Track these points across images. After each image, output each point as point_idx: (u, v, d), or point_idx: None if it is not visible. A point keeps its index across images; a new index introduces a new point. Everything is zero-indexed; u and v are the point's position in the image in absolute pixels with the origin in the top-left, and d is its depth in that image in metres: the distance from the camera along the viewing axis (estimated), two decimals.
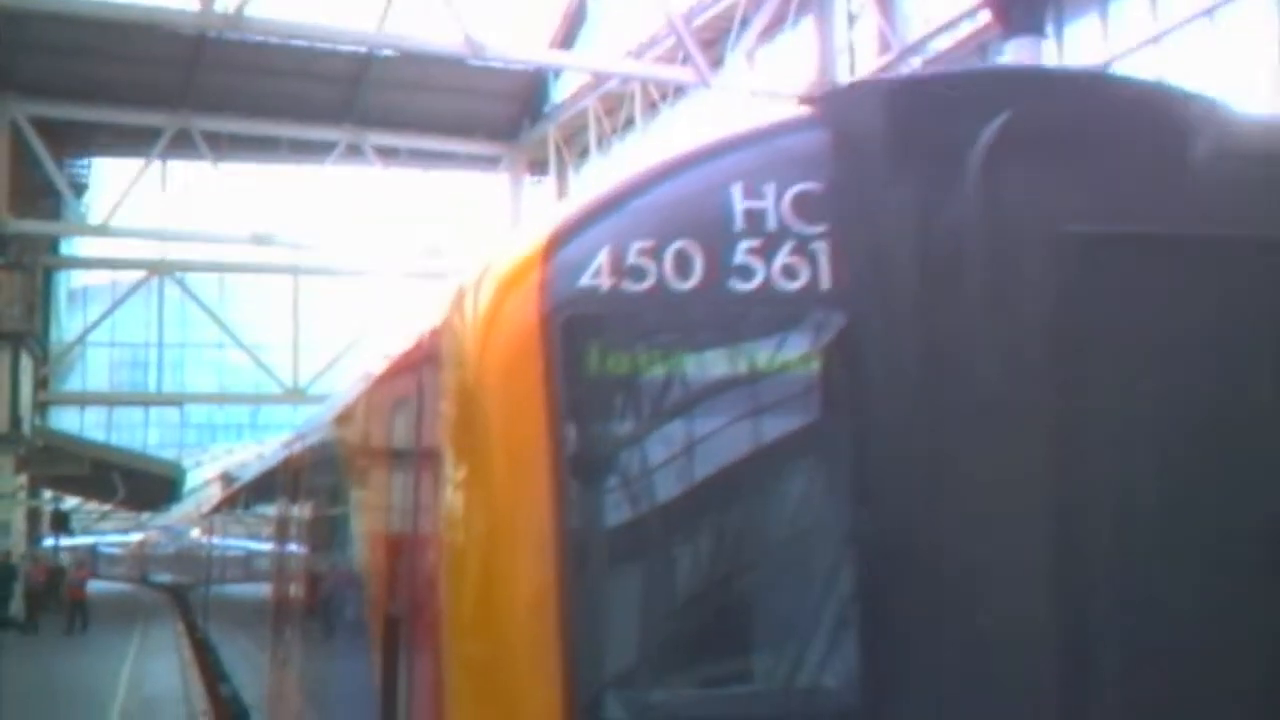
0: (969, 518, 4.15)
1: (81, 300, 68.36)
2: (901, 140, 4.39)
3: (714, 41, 38.23)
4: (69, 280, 66.42)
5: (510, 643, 4.30)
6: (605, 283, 4.37)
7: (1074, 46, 28.51)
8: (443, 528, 4.86)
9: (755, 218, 4.45)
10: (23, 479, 39.40)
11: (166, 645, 30.86)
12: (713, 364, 4.41)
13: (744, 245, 4.42)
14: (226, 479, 44.46)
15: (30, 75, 47.29)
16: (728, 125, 5.19)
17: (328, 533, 9.43)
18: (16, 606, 36.72)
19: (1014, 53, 27.15)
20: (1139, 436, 4.31)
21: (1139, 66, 26.56)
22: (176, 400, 64.38)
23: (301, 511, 11.63)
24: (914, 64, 33.35)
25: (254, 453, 74.68)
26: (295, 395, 56.61)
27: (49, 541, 51.92)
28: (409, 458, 5.77)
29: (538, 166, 54.93)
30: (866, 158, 4.43)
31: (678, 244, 4.40)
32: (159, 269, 55.22)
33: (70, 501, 61.92)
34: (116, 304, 57.24)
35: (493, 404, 4.47)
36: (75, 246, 61.16)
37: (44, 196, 51.66)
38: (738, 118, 31.22)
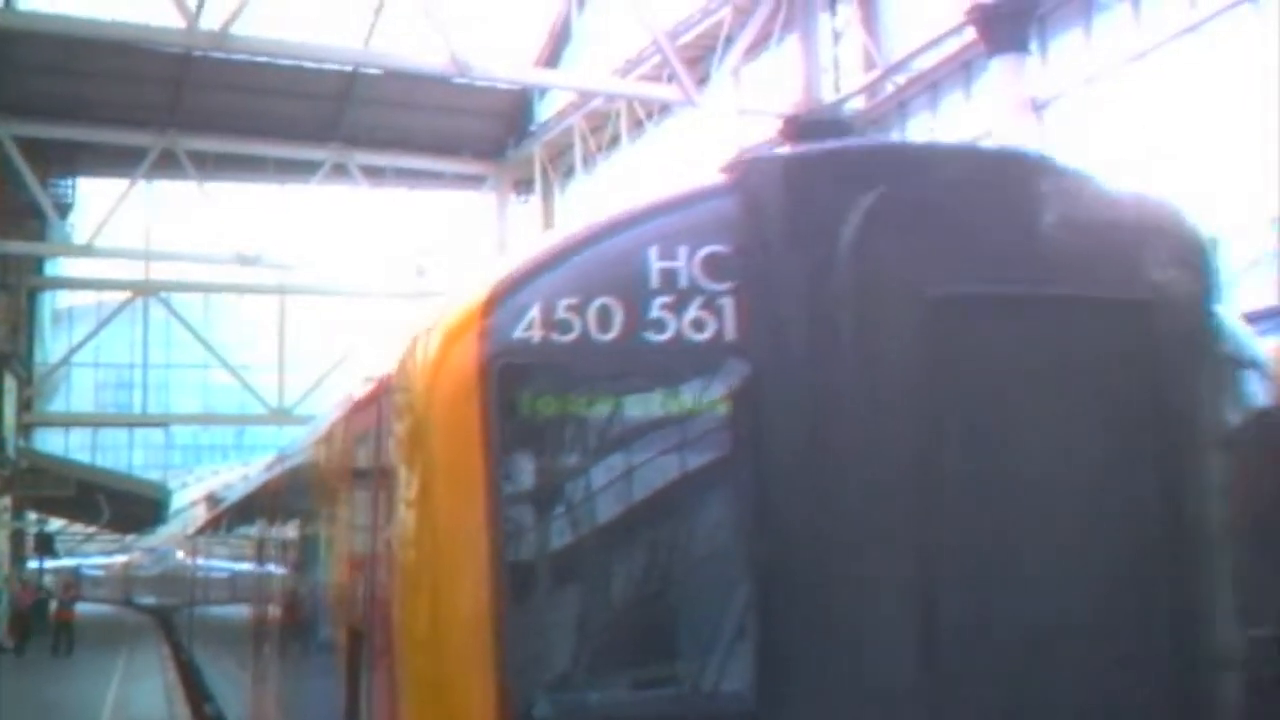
0: (848, 545, 4.73)
1: (66, 321, 68.14)
2: (795, 208, 5.02)
3: (699, 59, 38.28)
4: (54, 301, 66.25)
5: (453, 652, 4.89)
6: (536, 335, 5.01)
7: (1058, 63, 28.57)
8: (395, 549, 5.46)
9: (669, 277, 5.04)
10: (7, 501, 39.23)
11: (151, 667, 30.69)
12: (630, 406, 5.01)
13: (658, 301, 5.03)
14: (211, 500, 44.32)
15: (14, 94, 47.19)
16: (646, 192, 5.99)
17: (300, 554, 10.06)
18: (1, 630, 36.58)
19: (999, 69, 27.40)
20: (994, 472, 4.89)
21: (1124, 83, 26.65)
22: (162, 421, 64.10)
23: (277, 533, 12.22)
24: (898, 82, 33.43)
25: (239, 474, 74.57)
26: (281, 416, 56.43)
27: (33, 564, 51.66)
28: (368, 486, 6.38)
29: (523, 185, 54.95)
30: (766, 223, 5.04)
31: (600, 300, 5.01)
32: (144, 290, 55.08)
33: (55, 523, 61.67)
34: (101, 325, 57.06)
35: (438, 439, 5.13)
36: (60, 267, 61.01)
37: (28, 217, 51.48)
38: (711, 145, 31.29)
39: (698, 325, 5.03)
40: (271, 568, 12.77)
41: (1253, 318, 9.69)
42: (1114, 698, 4.82)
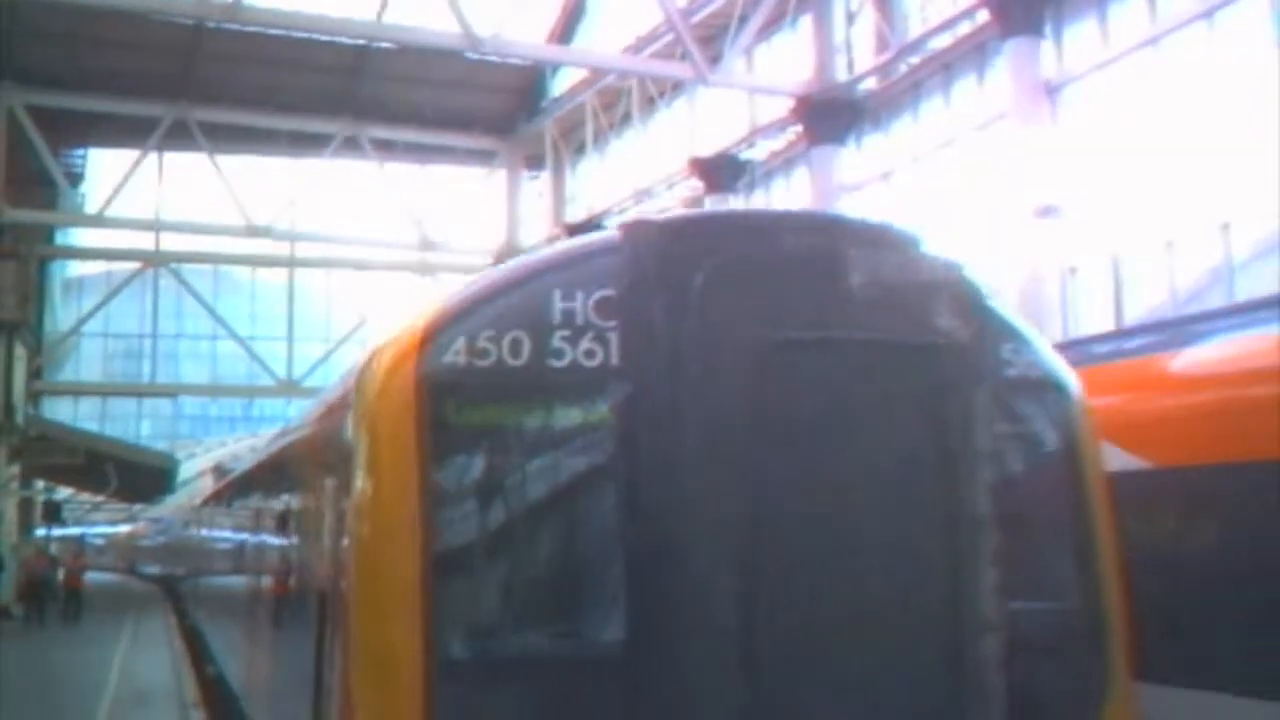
0: (696, 530, 6.02)
1: (76, 290, 68.31)
2: (662, 264, 6.33)
3: (712, 38, 38.20)
4: (64, 270, 66.37)
5: (391, 610, 6.24)
6: (461, 360, 6.29)
7: (1073, 49, 28.52)
8: (349, 525, 6.82)
9: (568, 315, 6.36)
10: (15, 469, 39.33)
11: (155, 633, 30.82)
12: (535, 418, 6.41)
13: (558, 335, 6.34)
14: (219, 472, 44.43)
15: (27, 64, 47.23)
16: (554, 247, 7.44)
17: (284, 527, 11.62)
18: (8, 596, 36.73)
19: (1012, 52, 27.33)
20: (811, 474, 6.24)
21: (1138, 68, 26.59)
22: (170, 392, 64.23)
23: (265, 508, 13.91)
24: (911, 63, 33.34)
25: (246, 445, 74.73)
26: (289, 388, 56.55)
27: (41, 532, 51.89)
28: (334, 472, 7.73)
29: (534, 161, 54.90)
30: (642, 275, 6.35)
31: (512, 334, 6.33)
32: (154, 260, 55.15)
33: (63, 492, 61.87)
34: (111, 295, 57.16)
35: (383, 440, 6.53)
36: (70, 237, 61.12)
37: (39, 186, 51.55)
38: (722, 124, 31.16)
39: (589, 354, 6.33)
40: (260, 539, 14.61)
41: (1260, 305, 9.70)
42: (906, 657, 6.22)
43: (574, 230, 48.72)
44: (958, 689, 6.16)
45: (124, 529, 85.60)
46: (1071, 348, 12.05)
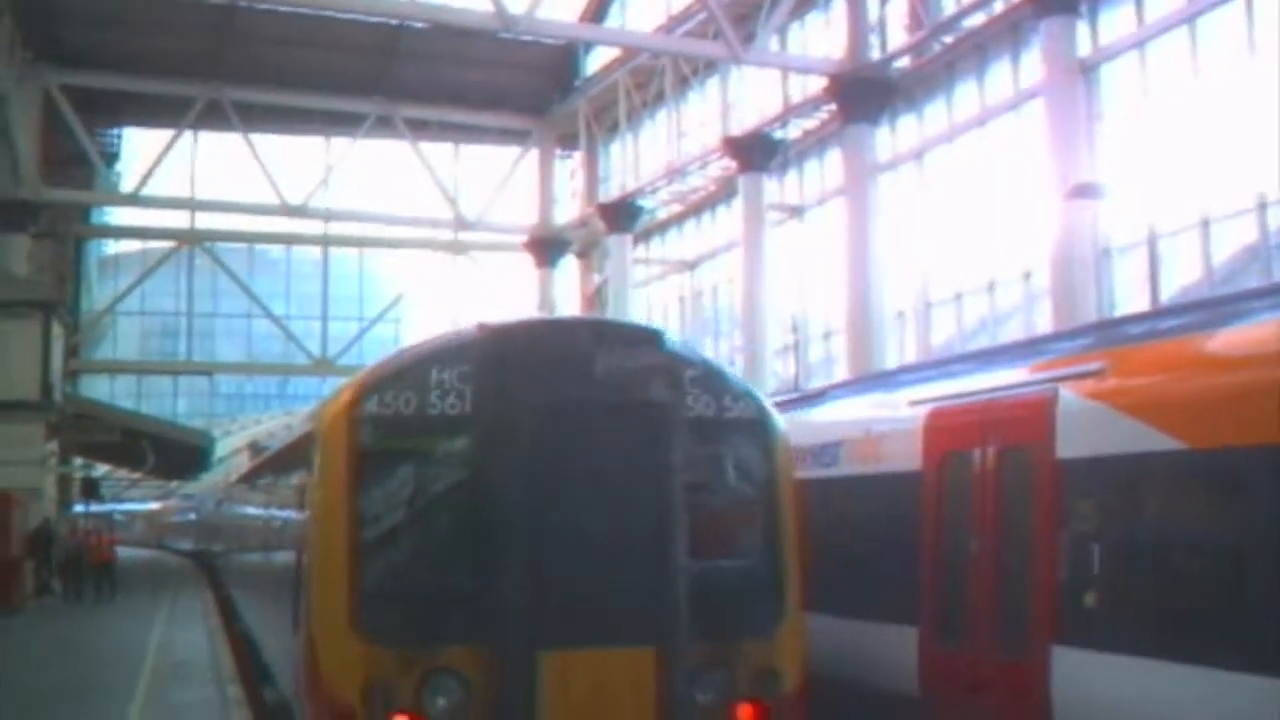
0: (519, 510, 9.72)
1: (112, 269, 68.65)
2: (494, 351, 10.09)
3: (745, 17, 38.12)
4: (100, 249, 66.72)
5: (332, 567, 9.99)
6: (374, 410, 10.01)
7: (1108, 27, 28.36)
8: (310, 511, 10.99)
9: (440, 382, 10.04)
10: (53, 446, 39.56)
11: (184, 599, 31.05)
12: (422, 445, 10.03)
13: (434, 394, 10.03)
14: (255, 449, 44.66)
15: (63, 45, 47.49)
16: (434, 336, 11.43)
17: (284, 508, 15.72)
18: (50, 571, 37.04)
19: (1047, 31, 27.14)
20: (581, 484, 9.91)
21: (1174, 48, 26.42)
22: (206, 370, 64.54)
23: (274, 490, 18.16)
24: (945, 42, 33.19)
25: (282, 423, 74.98)
26: (323, 366, 56.82)
27: (79, 508, 52.22)
28: (307, 474, 11.70)
29: (567, 140, 54.89)
30: (485, 357, 10.08)
31: (405, 394, 10.03)
32: (189, 239, 55.45)
33: (100, 469, 62.25)
34: (146, 273, 57.50)
35: (328, 459, 10.30)
36: (106, 216, 61.44)
37: (75, 166, 51.87)
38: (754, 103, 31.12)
39: (453, 405, 10.04)
40: (265, 514, 19.65)
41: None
42: (629, 585, 9.85)
43: (607, 210, 48.79)
44: (661, 599, 9.90)
45: (153, 505, 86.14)
46: (1107, 328, 12.03)
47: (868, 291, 34.34)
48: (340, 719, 9.65)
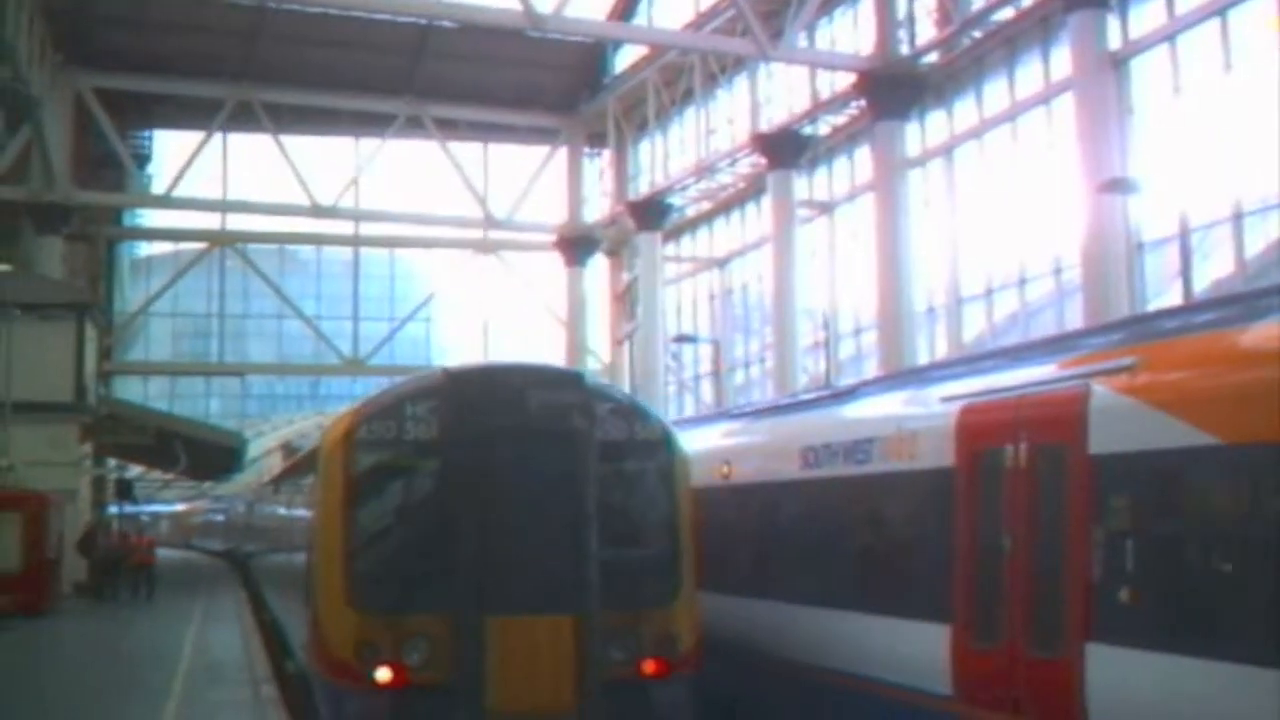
0: (475, 508, 12.41)
1: (144, 271, 68.95)
2: (454, 390, 13.01)
3: (774, 13, 38.07)
4: (132, 251, 67.04)
5: (332, 556, 12.88)
6: (364, 435, 12.90)
7: (1138, 20, 28.23)
8: (315, 513, 14.43)
9: (414, 413, 12.84)
10: (88, 447, 39.86)
11: (228, 609, 31.19)
12: (400, 462, 13.07)
13: (408, 422, 12.81)
14: (288, 449, 44.84)
15: (94, 48, 47.76)
16: (410, 380, 14.49)
17: (298, 505, 20.70)
18: (80, 574, 37.22)
19: (1077, 25, 26.86)
20: (520, 491, 12.57)
21: (1203, 44, 26.29)
22: (238, 371, 64.75)
23: (292, 495, 23.34)
24: (974, 37, 33.09)
25: (314, 423, 75.19)
26: (354, 366, 57.02)
27: (113, 509, 52.49)
28: (315, 478, 15.14)
29: (597, 139, 54.91)
30: (451, 395, 12.91)
31: (387, 422, 12.90)
32: (220, 240, 55.68)
33: (134, 470, 62.58)
34: (178, 274, 57.75)
35: (329, 471, 13.15)
36: (138, 218, 61.73)
37: (107, 168, 52.17)
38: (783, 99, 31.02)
39: (423, 431, 12.81)
40: (285, 514, 25.30)
41: None
42: (554, 568, 12.46)
43: (636, 208, 48.81)
44: (578, 580, 12.58)
45: (179, 507, 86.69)
46: (1139, 323, 11.98)
47: (898, 288, 34.28)
48: (339, 671, 12.77)
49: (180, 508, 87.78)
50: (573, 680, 12.57)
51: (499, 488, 12.59)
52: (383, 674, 12.41)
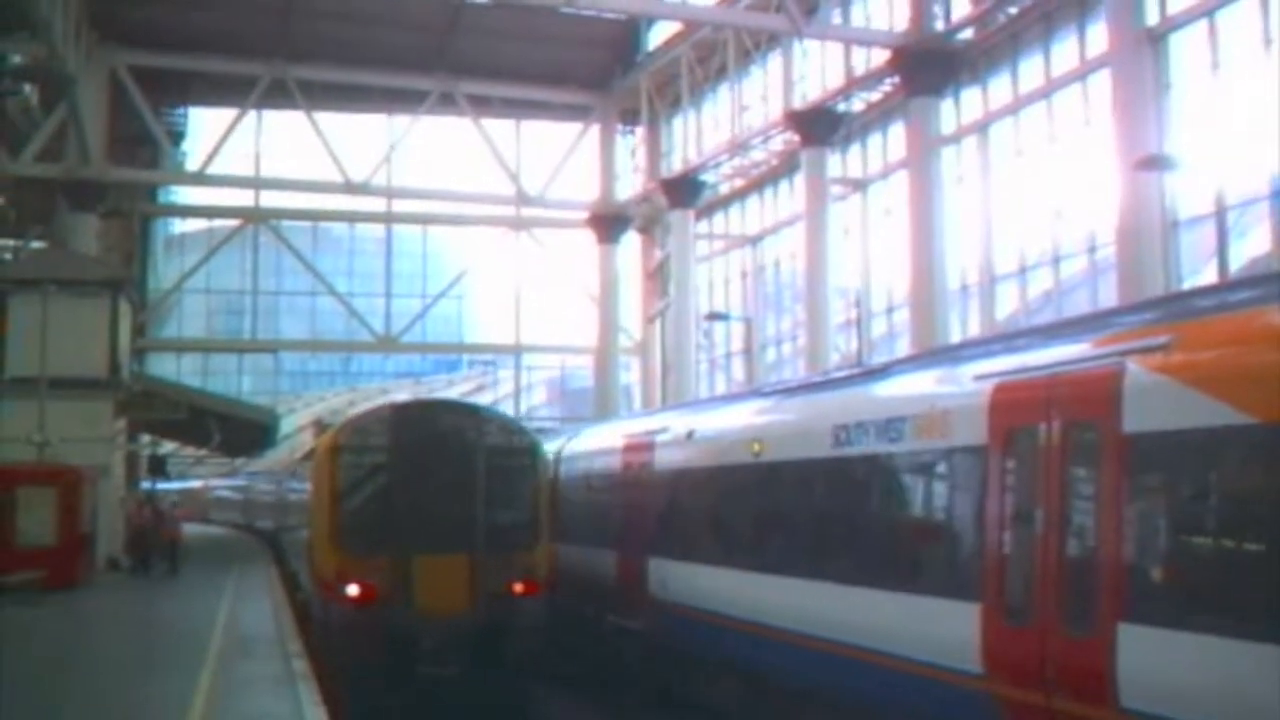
0: (408, 488, 20.66)
1: (178, 248, 69.16)
2: (400, 417, 21.96)
3: None
4: (166, 228, 67.27)
5: (325, 516, 21.42)
6: (345, 442, 21.58)
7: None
8: (312, 495, 24.22)
9: (375, 428, 21.62)
10: (122, 423, 40.03)
11: (259, 582, 31.41)
12: (364, 461, 21.22)
13: (372, 435, 21.47)
14: (320, 425, 45.00)
15: (129, 25, 47.90)
16: (371, 408, 27.91)
17: (308, 489, 26.86)
18: (115, 548, 37.46)
19: (1113, 2, 26.38)
20: (440, 484, 20.75)
21: (1241, 20, 26.05)
22: (270, 347, 64.89)
23: (299, 478, 33.36)
24: (1010, 13, 32.86)
25: (345, 400, 75.47)
26: (387, 343, 57.15)
27: (145, 485, 52.74)
28: (314, 471, 24.18)
29: (629, 115, 54.80)
30: (395, 418, 21.92)
31: (359, 435, 21.71)
32: (253, 217, 55.82)
33: (167, 446, 62.88)
34: (212, 251, 57.93)
35: (322, 465, 22.22)
36: (172, 195, 61.93)
37: (141, 145, 52.31)
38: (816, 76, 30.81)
39: (379, 438, 21.16)
40: (294, 494, 35.27)
41: None
42: (457, 526, 20.35)
43: (669, 185, 48.73)
44: (471, 532, 20.31)
45: (196, 484, 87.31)
46: (1175, 301, 11.88)
47: (931, 265, 34.15)
48: (326, 589, 21.07)
49: (195, 484, 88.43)
50: (468, 594, 20.27)
51: (422, 476, 20.67)
52: (352, 589, 20.07)
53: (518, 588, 20.40)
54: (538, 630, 20.79)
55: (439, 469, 20.53)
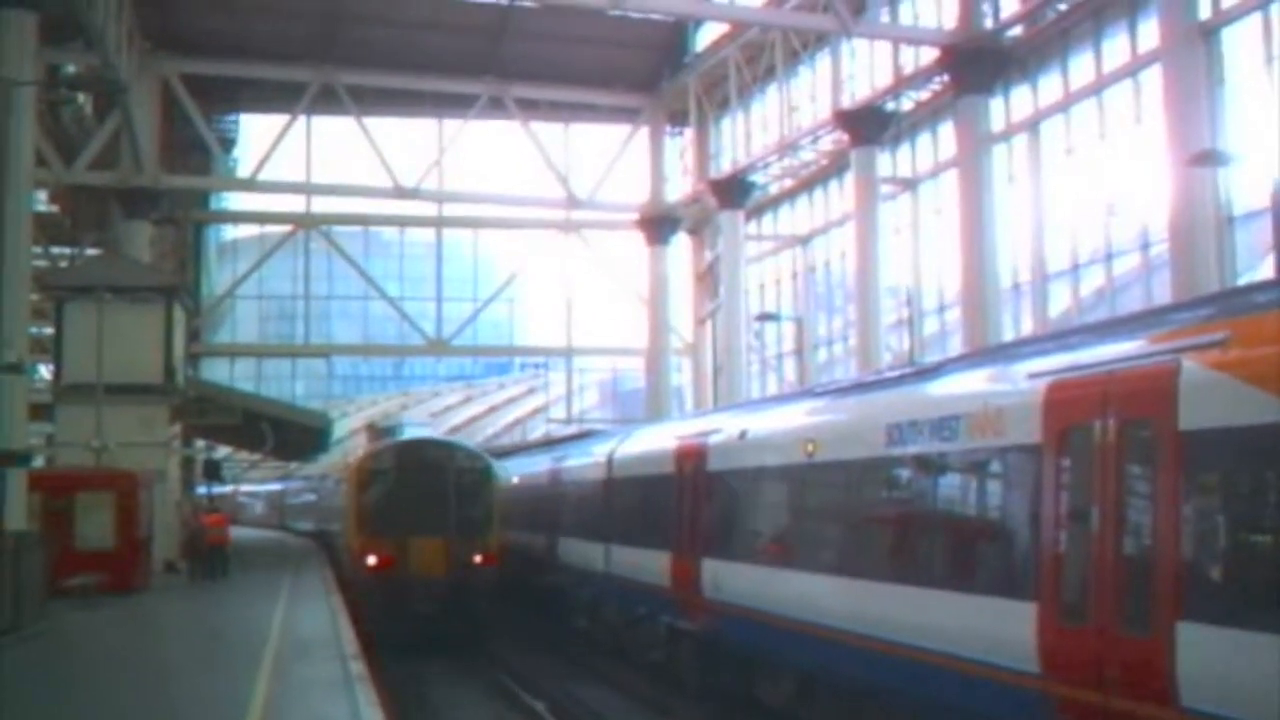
0: (405, 498, 31.56)
1: (231, 254, 69.72)
2: (399, 447, 34.20)
3: None
4: (219, 234, 67.76)
5: (354, 514, 32.79)
6: (365, 465, 33.44)
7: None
8: (345, 495, 35.63)
9: (384, 455, 33.58)
10: (176, 429, 40.40)
11: (314, 587, 31.68)
12: (379, 477, 32.50)
13: (383, 459, 33.19)
14: (373, 430, 45.26)
15: (180, 33, 48.32)
16: (379, 444, 38.00)
17: (339, 496, 39.71)
18: (170, 552, 37.78)
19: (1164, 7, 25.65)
20: (427, 495, 31.29)
21: None
22: (323, 352, 65.25)
23: (329, 489, 47.13)
24: (1060, 9, 32.65)
25: (398, 403, 75.82)
26: (438, 346, 57.36)
27: (201, 489, 53.19)
28: (344, 484, 36.43)
29: (678, 117, 54.77)
30: (398, 449, 33.98)
31: (374, 459, 33.51)
32: (305, 223, 56.12)
33: (222, 451, 63.33)
34: (264, 257, 58.32)
35: (350, 479, 34.01)
36: (224, 201, 62.41)
37: (194, 152, 52.77)
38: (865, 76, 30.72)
39: (386, 462, 32.78)
40: (320, 502, 52.00)
41: None
42: (438, 520, 30.79)
43: (718, 186, 48.71)
44: (447, 524, 30.80)
45: (228, 489, 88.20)
46: (1230, 298, 11.79)
47: (982, 264, 33.97)
48: (355, 560, 31.69)
49: (229, 489, 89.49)
50: (445, 563, 30.19)
51: (415, 486, 31.04)
52: (371, 560, 30.41)
53: (477, 559, 30.64)
54: (491, 588, 30.88)
55: (426, 481, 31.24)
